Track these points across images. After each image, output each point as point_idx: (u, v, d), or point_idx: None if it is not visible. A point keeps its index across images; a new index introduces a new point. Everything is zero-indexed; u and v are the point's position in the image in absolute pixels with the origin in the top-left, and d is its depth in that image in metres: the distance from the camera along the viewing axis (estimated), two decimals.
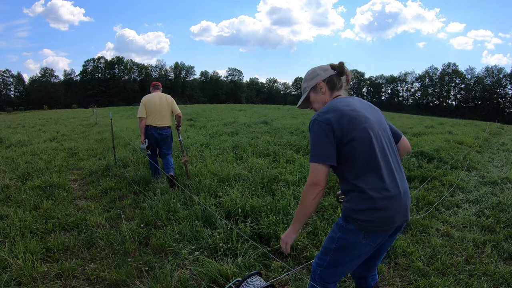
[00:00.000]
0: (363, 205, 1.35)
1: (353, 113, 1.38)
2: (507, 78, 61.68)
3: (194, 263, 2.42)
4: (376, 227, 1.37)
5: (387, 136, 1.48)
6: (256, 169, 4.70)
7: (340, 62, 1.54)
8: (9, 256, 2.40)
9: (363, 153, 1.36)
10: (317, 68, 1.56)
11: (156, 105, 4.19)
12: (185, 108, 27.51)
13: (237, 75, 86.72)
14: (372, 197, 1.33)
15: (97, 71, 71.06)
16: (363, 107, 1.48)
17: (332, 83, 1.52)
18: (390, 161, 1.41)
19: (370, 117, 1.43)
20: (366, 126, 1.38)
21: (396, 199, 1.38)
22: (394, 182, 1.39)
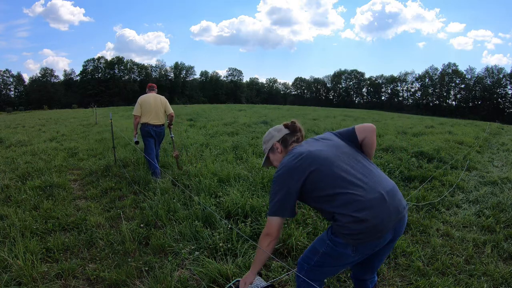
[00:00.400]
0: (346, 223, 1.38)
1: (307, 154, 1.49)
2: (507, 78, 61.68)
3: (194, 263, 2.42)
4: (364, 238, 1.38)
5: (343, 153, 1.52)
6: (256, 169, 4.70)
7: (292, 120, 1.73)
8: (9, 256, 2.40)
9: (324, 180, 1.43)
10: (272, 130, 1.73)
11: (151, 104, 4.56)
12: (185, 108, 27.50)
13: (237, 75, 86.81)
14: (351, 214, 1.36)
15: (97, 71, 71.06)
16: (311, 142, 1.62)
17: (286, 141, 1.68)
18: (355, 173, 1.44)
19: (321, 148, 1.52)
20: (322, 158, 1.46)
21: (377, 205, 1.38)
22: (369, 189, 1.40)
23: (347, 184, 1.40)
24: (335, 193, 1.40)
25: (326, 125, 11.74)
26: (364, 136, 1.61)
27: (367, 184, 1.41)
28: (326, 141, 1.61)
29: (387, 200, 1.40)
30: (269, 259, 2.45)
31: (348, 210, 1.37)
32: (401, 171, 4.83)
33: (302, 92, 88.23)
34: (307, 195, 1.49)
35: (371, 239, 1.39)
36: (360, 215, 1.35)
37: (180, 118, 15.58)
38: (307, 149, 1.52)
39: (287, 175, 1.47)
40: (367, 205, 1.36)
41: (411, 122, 15.31)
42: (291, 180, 1.45)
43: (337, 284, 2.23)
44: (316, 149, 1.51)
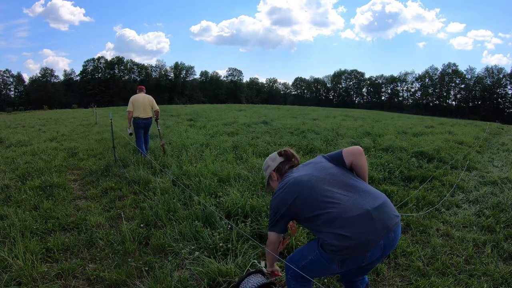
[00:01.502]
0: (330, 240, 1.44)
1: (291, 182, 1.61)
2: (507, 78, 61.67)
3: (194, 263, 2.42)
4: (349, 254, 1.42)
5: (329, 174, 1.60)
6: (256, 169, 4.70)
7: (284, 149, 1.83)
8: (9, 256, 2.40)
9: (307, 204, 1.52)
10: (268, 160, 1.85)
11: (140, 102, 5.79)
12: (185, 108, 27.50)
13: (237, 75, 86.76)
14: (333, 232, 1.42)
15: (97, 71, 71.04)
16: (300, 168, 1.72)
17: (280, 170, 1.79)
18: (338, 192, 1.51)
19: (306, 173, 1.62)
20: (303, 183, 1.57)
21: (362, 221, 1.41)
22: (353, 207, 1.44)
23: (327, 204, 1.47)
24: (317, 214, 1.49)
25: (326, 125, 11.74)
26: (352, 159, 1.67)
27: (350, 202, 1.46)
28: (315, 165, 1.69)
29: (373, 216, 1.43)
30: None
31: (330, 228, 1.44)
32: (401, 171, 4.83)
33: (302, 92, 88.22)
34: (298, 217, 1.62)
35: (356, 254, 1.42)
36: (342, 232, 1.40)
37: (180, 118, 15.58)
38: (293, 177, 1.64)
39: (277, 202, 1.63)
40: (349, 222, 1.41)
41: (411, 122, 15.32)
42: (281, 206, 1.60)
43: (337, 284, 2.23)
44: (301, 175, 1.63)
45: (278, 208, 1.63)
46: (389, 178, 4.58)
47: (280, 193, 1.64)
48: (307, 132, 9.52)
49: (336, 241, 1.41)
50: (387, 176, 4.58)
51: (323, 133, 9.33)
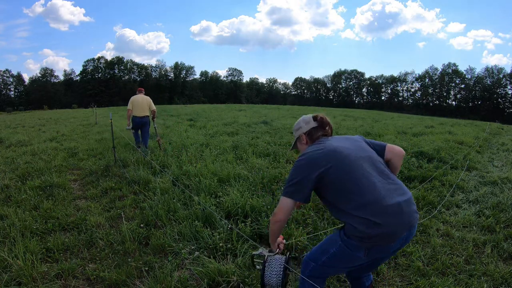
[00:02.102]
0: (361, 225, 1.39)
1: (329, 148, 1.52)
2: (507, 78, 61.67)
3: (194, 263, 2.42)
4: (377, 242, 1.40)
5: (368, 157, 1.54)
6: (256, 169, 4.70)
7: (321, 116, 1.70)
8: (9, 256, 2.40)
9: (342, 179, 1.44)
10: (301, 120, 1.74)
11: (138, 102, 6.44)
12: (185, 108, 27.50)
13: (237, 75, 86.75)
14: (367, 217, 1.38)
15: (97, 71, 71.03)
16: (338, 139, 1.62)
17: (312, 135, 1.69)
18: (375, 178, 1.46)
19: (345, 146, 1.54)
20: (342, 156, 1.48)
21: (393, 212, 1.40)
22: (387, 196, 1.42)
23: (364, 187, 1.42)
24: (351, 194, 1.42)
25: None
26: (391, 157, 1.64)
27: (385, 190, 1.44)
28: (355, 142, 1.62)
29: (403, 209, 1.42)
30: None
31: (363, 213, 1.39)
32: (401, 171, 4.83)
33: (302, 92, 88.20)
34: (322, 191, 1.52)
35: (383, 243, 1.42)
36: (375, 219, 1.37)
37: (180, 118, 15.59)
38: (331, 144, 1.55)
39: (306, 165, 1.49)
40: (383, 210, 1.39)
41: (411, 122, 15.32)
42: (309, 170, 1.47)
43: (337, 284, 2.23)
44: (340, 146, 1.53)
45: (305, 172, 1.48)
46: None
47: (312, 154, 1.52)
48: None
49: (367, 228, 1.37)
50: None
51: None
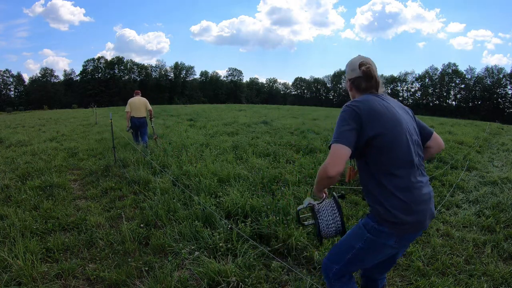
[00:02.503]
0: (396, 211, 1.32)
1: (384, 109, 1.38)
2: (507, 78, 61.65)
3: (194, 263, 2.42)
4: (409, 230, 1.36)
5: (416, 135, 1.46)
6: (256, 169, 4.70)
7: (368, 67, 1.48)
8: (9, 256, 2.40)
9: (394, 149, 1.34)
10: (350, 64, 1.55)
11: (136, 103, 6.84)
12: (185, 108, 27.50)
13: (237, 75, 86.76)
14: (408, 202, 1.32)
15: (97, 71, 71.03)
16: (395, 105, 1.47)
17: (358, 84, 1.52)
18: (417, 161, 1.40)
19: (401, 115, 1.43)
20: (397, 124, 1.37)
21: (427, 201, 1.38)
22: (426, 184, 1.40)
23: (414, 170, 1.36)
24: (400, 169, 1.33)
25: (326, 125, 11.75)
26: (433, 146, 1.58)
27: (422, 178, 1.40)
28: (406, 115, 1.50)
29: (431, 199, 1.42)
30: (269, 259, 2.45)
31: (405, 196, 1.32)
32: None
33: (302, 92, 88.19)
34: (368, 150, 1.36)
35: (412, 231, 1.37)
36: (414, 206, 1.32)
37: (180, 118, 15.59)
38: (384, 105, 1.40)
39: (358, 107, 1.35)
40: (420, 198, 1.35)
41: None
42: (363, 115, 1.34)
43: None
44: (397, 112, 1.41)
45: (357, 114, 1.33)
46: None
47: (368, 101, 1.38)
48: (307, 132, 9.52)
49: (403, 213, 1.31)
50: None
51: (323, 133, 9.33)
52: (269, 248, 2.60)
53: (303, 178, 4.22)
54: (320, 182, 1.40)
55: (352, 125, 1.32)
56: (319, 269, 2.39)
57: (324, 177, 1.33)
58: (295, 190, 3.69)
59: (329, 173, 1.29)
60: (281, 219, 2.91)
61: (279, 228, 2.75)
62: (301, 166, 4.83)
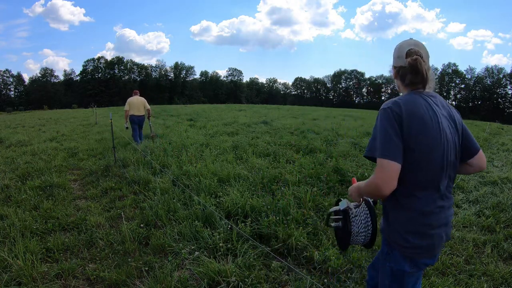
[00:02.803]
0: (411, 229, 1.21)
1: (428, 118, 1.19)
2: (507, 78, 61.68)
3: (194, 263, 2.42)
4: (422, 253, 1.24)
5: (454, 155, 1.25)
6: (256, 169, 4.70)
7: (415, 58, 1.24)
8: (9, 256, 2.40)
9: (424, 169, 1.18)
10: (397, 48, 1.33)
11: (134, 103, 7.36)
12: (185, 108, 27.50)
13: (237, 75, 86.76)
14: (422, 221, 1.20)
15: (97, 71, 71.02)
16: (443, 113, 1.25)
17: (402, 76, 1.31)
18: (445, 185, 1.24)
19: (444, 128, 1.22)
20: (437, 139, 1.18)
21: (443, 224, 1.25)
22: (444, 207, 1.24)
23: (439, 194, 1.22)
24: (424, 192, 1.20)
25: (326, 125, 11.74)
26: (473, 165, 1.34)
27: (449, 200, 1.28)
28: (452, 128, 1.25)
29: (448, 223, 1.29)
30: (269, 258, 2.45)
31: (423, 221, 1.20)
32: None
33: (302, 92, 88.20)
34: None
35: (427, 256, 1.26)
36: (430, 231, 1.21)
37: (180, 118, 15.58)
38: (429, 112, 1.20)
39: (390, 123, 1.18)
40: (439, 222, 1.23)
41: None
42: (394, 130, 1.17)
43: (337, 284, 2.23)
44: (440, 122, 1.20)
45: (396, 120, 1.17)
46: None
47: (412, 104, 1.20)
48: (307, 132, 9.52)
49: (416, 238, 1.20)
50: None
51: (323, 133, 9.33)
52: (269, 248, 2.60)
53: (303, 178, 4.22)
54: (367, 194, 1.29)
55: (395, 132, 1.16)
56: (319, 269, 2.39)
57: (374, 194, 1.21)
58: (295, 190, 3.69)
59: (382, 191, 1.15)
60: (281, 219, 2.91)
61: (279, 228, 2.75)
62: (301, 166, 4.83)
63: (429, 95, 1.27)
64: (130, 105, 7.28)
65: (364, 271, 2.35)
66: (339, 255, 2.48)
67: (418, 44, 1.30)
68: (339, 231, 1.47)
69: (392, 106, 1.20)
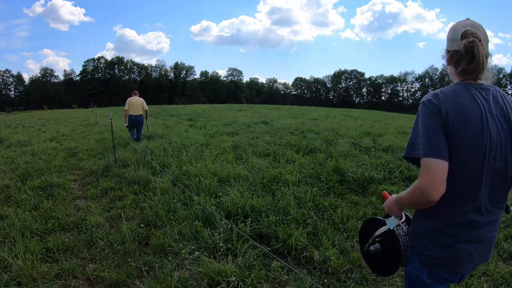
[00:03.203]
0: (434, 236, 1.10)
1: (474, 114, 1.03)
2: (507, 78, 61.80)
3: (194, 263, 2.41)
4: (442, 266, 1.10)
5: (503, 160, 1.06)
6: (256, 169, 4.70)
7: (473, 40, 1.06)
8: (9, 256, 2.40)
9: (459, 170, 1.03)
10: (452, 30, 1.16)
11: (133, 103, 7.70)
12: (185, 108, 27.50)
13: (237, 75, 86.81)
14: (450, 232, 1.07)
15: (97, 71, 71.06)
16: (491, 111, 1.07)
17: (457, 61, 1.13)
18: (488, 193, 1.07)
19: (491, 124, 1.04)
20: (478, 140, 1.02)
21: (476, 240, 1.09)
22: (480, 223, 1.07)
23: (477, 207, 1.06)
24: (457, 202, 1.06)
25: (326, 125, 11.74)
26: None
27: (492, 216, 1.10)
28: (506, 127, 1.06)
29: (482, 241, 1.11)
30: (269, 258, 2.45)
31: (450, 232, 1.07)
32: (401, 171, 4.82)
33: (302, 92, 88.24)
34: None
35: (448, 270, 1.12)
36: (456, 244, 1.07)
37: (180, 118, 15.59)
38: (475, 108, 1.04)
39: (432, 117, 1.05)
40: (470, 237, 1.08)
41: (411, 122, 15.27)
42: (439, 125, 1.04)
43: (336, 284, 2.23)
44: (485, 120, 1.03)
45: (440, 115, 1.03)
46: (389, 178, 4.57)
47: (458, 98, 1.06)
48: (307, 132, 9.52)
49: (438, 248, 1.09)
50: (387, 176, 4.58)
51: (323, 133, 9.33)
52: (269, 248, 2.60)
53: (303, 178, 4.22)
54: (411, 205, 1.14)
55: (439, 127, 1.03)
56: (319, 269, 2.39)
57: (423, 202, 1.04)
58: (295, 190, 3.69)
59: (431, 197, 1.00)
60: (281, 219, 2.91)
61: (279, 228, 2.75)
62: (301, 166, 4.83)
63: (479, 88, 1.10)
64: (129, 105, 7.64)
65: (364, 271, 2.35)
66: (339, 255, 2.48)
67: (476, 25, 1.12)
68: (382, 254, 1.26)
69: (431, 98, 1.08)
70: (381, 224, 1.25)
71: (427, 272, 1.12)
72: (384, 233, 1.23)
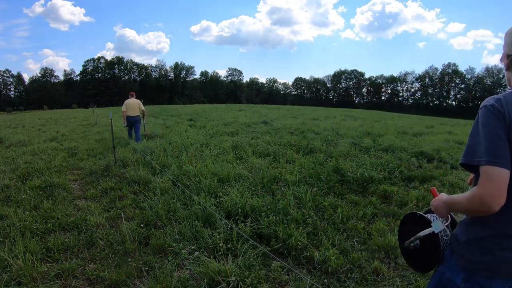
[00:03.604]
0: (480, 243, 1.06)
1: None
2: None
3: (194, 263, 2.42)
4: (481, 270, 1.05)
5: None
6: (256, 169, 4.69)
7: None
8: (9, 256, 2.40)
9: None
10: (508, 35, 1.11)
11: (130, 104, 8.16)
12: (185, 108, 27.50)
13: (237, 75, 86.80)
14: (499, 241, 1.03)
15: (97, 71, 71.05)
16: None
17: None
18: None
19: None
20: None
21: None
22: None
23: None
24: None
25: (326, 125, 11.74)
26: None
27: None
28: None
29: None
30: (269, 258, 2.45)
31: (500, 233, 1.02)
32: (401, 171, 4.83)
33: (302, 92, 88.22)
34: None
35: (487, 276, 1.06)
36: (500, 252, 1.02)
37: (180, 118, 15.59)
38: None
39: (494, 122, 0.99)
40: None
41: (411, 122, 15.33)
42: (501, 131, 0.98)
43: (336, 284, 2.23)
44: None
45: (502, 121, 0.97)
46: (389, 178, 4.58)
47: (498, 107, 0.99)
48: (307, 132, 9.52)
49: (479, 251, 1.06)
50: (387, 176, 4.58)
51: (323, 133, 9.33)
52: (269, 248, 2.60)
53: (303, 178, 4.22)
54: (466, 211, 1.08)
55: (503, 133, 0.97)
56: (319, 269, 2.39)
57: (479, 211, 0.99)
58: (295, 190, 3.69)
59: (491, 208, 0.95)
60: (281, 219, 2.91)
61: (279, 228, 2.75)
62: (301, 166, 4.83)
63: None
64: (127, 106, 8.07)
65: (364, 271, 2.35)
66: (339, 255, 2.48)
67: None
68: (420, 252, 1.26)
69: (494, 103, 1.01)
70: (426, 222, 1.22)
71: (463, 276, 1.08)
72: (428, 235, 1.20)
